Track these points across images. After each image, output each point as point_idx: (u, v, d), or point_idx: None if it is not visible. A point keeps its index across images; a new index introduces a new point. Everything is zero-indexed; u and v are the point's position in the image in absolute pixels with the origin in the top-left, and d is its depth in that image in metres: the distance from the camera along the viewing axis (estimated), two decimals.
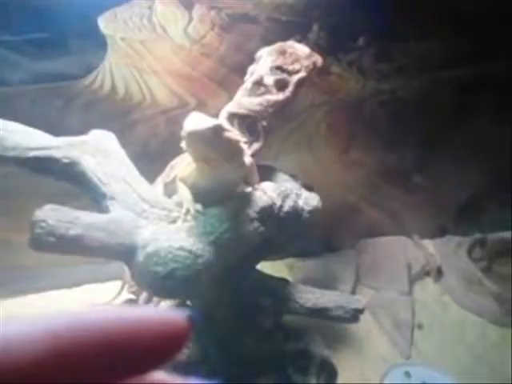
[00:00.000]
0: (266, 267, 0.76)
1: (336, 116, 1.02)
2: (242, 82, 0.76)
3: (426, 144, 1.11)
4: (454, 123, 1.08)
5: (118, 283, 0.79)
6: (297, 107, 0.97)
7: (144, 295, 0.68)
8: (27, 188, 0.79)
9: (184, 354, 0.62)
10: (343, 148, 1.08)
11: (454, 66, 1.00)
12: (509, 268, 1.10)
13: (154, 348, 0.14)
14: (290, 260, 1.12)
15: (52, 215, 0.43)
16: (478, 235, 1.15)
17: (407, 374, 0.79)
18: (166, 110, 0.89)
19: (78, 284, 1.01)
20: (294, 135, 1.03)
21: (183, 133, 0.45)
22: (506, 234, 1.16)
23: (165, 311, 0.15)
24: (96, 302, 0.91)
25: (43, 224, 0.42)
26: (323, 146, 1.07)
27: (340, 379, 0.71)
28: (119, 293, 0.78)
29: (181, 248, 0.45)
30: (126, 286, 0.75)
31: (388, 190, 1.17)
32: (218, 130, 0.46)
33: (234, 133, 0.51)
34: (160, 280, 0.44)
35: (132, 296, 0.73)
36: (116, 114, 0.85)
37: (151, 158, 0.81)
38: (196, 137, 0.45)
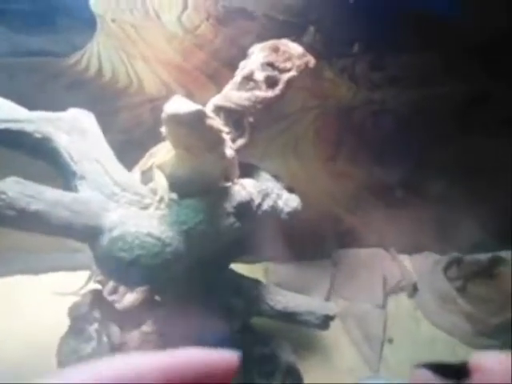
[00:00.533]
0: (241, 269, 0.74)
1: (325, 122, 1.01)
2: (233, 77, 0.74)
3: (412, 159, 1.11)
4: (443, 140, 1.08)
5: (87, 273, 0.76)
6: (287, 109, 0.95)
7: (110, 285, 0.66)
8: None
9: (147, 348, 0.60)
10: (330, 155, 1.07)
11: (446, 81, 1.00)
12: (483, 289, 1.11)
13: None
14: (265, 264, 1.10)
15: (14, 187, 0.41)
16: (455, 254, 1.16)
17: None
18: (152, 99, 0.87)
19: (45, 271, 0.97)
20: (282, 137, 1.02)
21: (164, 115, 0.43)
22: (483, 256, 1.17)
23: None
24: (62, 291, 0.87)
25: (3, 196, 0.39)
26: (310, 151, 1.06)
27: None
28: (86, 283, 0.75)
29: (149, 234, 0.43)
30: (93, 276, 0.72)
31: (371, 203, 1.16)
32: (200, 116, 0.44)
33: (216, 121, 0.49)
34: (124, 266, 0.41)
35: (98, 285, 0.70)
36: (100, 97, 0.83)
37: (134, 146, 0.78)
38: (177, 120, 0.43)
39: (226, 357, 0.16)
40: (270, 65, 0.70)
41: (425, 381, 0.12)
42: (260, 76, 0.69)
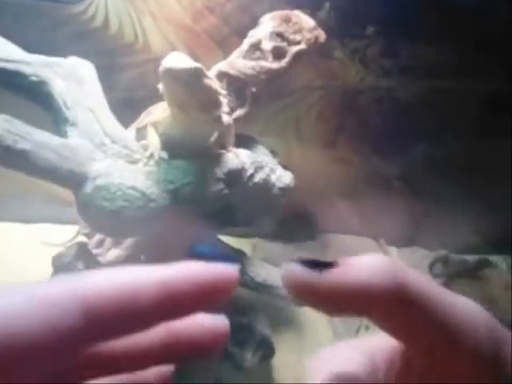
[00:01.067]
0: (229, 241, 0.74)
1: (329, 103, 0.99)
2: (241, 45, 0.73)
3: (414, 153, 1.10)
4: (448, 136, 1.07)
5: (76, 227, 0.76)
6: (291, 85, 0.94)
7: (96, 239, 0.66)
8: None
9: None
10: (330, 138, 1.06)
11: (459, 76, 0.98)
12: (467, 289, 1.12)
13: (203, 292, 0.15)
14: (254, 240, 1.11)
15: (1, 124, 0.40)
16: (442, 252, 1.16)
17: None
18: (157, 58, 0.84)
19: (35, 221, 0.98)
20: (283, 115, 1.00)
21: (161, 68, 0.43)
22: (471, 258, 1.18)
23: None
24: (50, 242, 0.87)
25: None
26: (311, 132, 1.05)
27: (276, 359, 0.71)
28: (74, 237, 0.75)
29: (133, 187, 0.43)
30: (80, 228, 0.72)
31: (366, 191, 1.16)
32: (197, 73, 0.43)
33: (214, 82, 0.48)
34: (105, 216, 0.41)
35: (83, 239, 0.70)
36: (104, 51, 0.81)
37: (135, 106, 0.78)
38: (174, 75, 0.42)
39: (226, 270, 0.16)
40: (280, 35, 0.68)
41: (291, 272, 0.12)
42: (268, 46, 0.68)
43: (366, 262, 0.13)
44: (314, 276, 0.12)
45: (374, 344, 0.16)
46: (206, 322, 0.17)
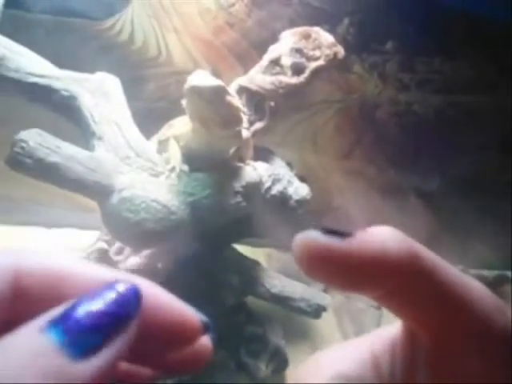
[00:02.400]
0: (245, 251, 0.75)
1: (346, 117, 1.00)
2: (260, 60, 0.74)
3: (430, 168, 1.10)
4: (465, 151, 1.07)
5: (97, 233, 0.78)
6: (309, 99, 0.95)
7: (116, 246, 0.68)
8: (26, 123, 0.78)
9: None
10: (347, 151, 1.07)
11: (475, 92, 0.98)
12: None
13: (162, 334, 0.15)
14: (269, 250, 1.12)
15: (35, 138, 0.43)
16: (459, 267, 1.15)
17: None
18: (179, 72, 0.88)
19: (57, 226, 1.01)
20: (301, 128, 1.02)
21: (186, 86, 0.45)
22: (488, 273, 1.16)
23: (184, 305, 0.16)
24: (70, 246, 0.90)
25: (24, 144, 0.41)
26: (328, 146, 1.06)
27: (289, 371, 0.71)
28: (95, 242, 0.77)
29: (155, 200, 0.45)
30: (101, 235, 0.75)
31: (381, 205, 1.16)
32: (220, 91, 0.45)
33: (236, 100, 0.50)
34: (128, 226, 0.43)
35: (104, 245, 0.72)
36: (129, 64, 0.84)
37: (157, 117, 0.80)
38: (198, 92, 0.44)
39: (194, 316, 0.16)
40: (299, 51, 0.70)
41: (310, 238, 0.12)
42: (287, 61, 0.69)
43: (382, 231, 0.13)
44: (334, 242, 0.12)
45: (373, 339, 0.15)
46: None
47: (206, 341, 0.17)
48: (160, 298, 0.16)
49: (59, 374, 0.11)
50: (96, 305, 0.12)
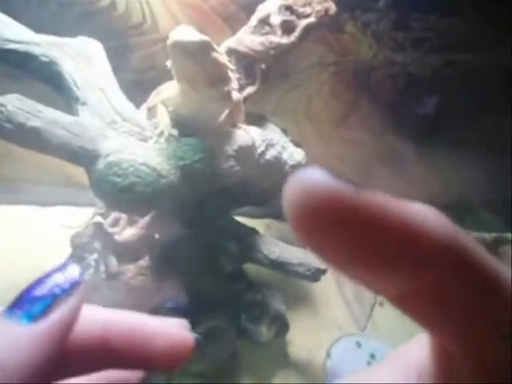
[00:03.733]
0: (243, 222, 0.75)
1: (341, 81, 0.98)
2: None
3: (429, 129, 1.08)
4: (461, 112, 1.05)
5: (92, 209, 0.77)
6: (302, 62, 0.92)
7: (111, 218, 0.67)
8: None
9: (140, 280, 0.61)
10: (343, 117, 1.05)
11: (471, 50, 0.95)
12: None
13: (154, 356, 0.15)
14: (268, 220, 1.11)
15: (14, 103, 0.41)
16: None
17: (358, 344, 0.79)
18: (165, 38, 0.84)
19: (52, 204, 0.99)
20: (294, 93, 0.99)
21: (168, 42, 0.42)
22: (488, 235, 1.16)
23: (175, 326, 0.16)
24: (65, 224, 0.89)
25: (2, 109, 0.40)
26: (323, 112, 1.04)
27: (291, 335, 0.72)
28: (91, 218, 0.76)
29: (144, 164, 0.43)
30: (96, 209, 0.73)
31: (381, 172, 1.14)
32: (205, 46, 0.43)
33: (223, 56, 0.48)
34: (117, 191, 0.42)
35: (99, 219, 0.71)
36: (112, 32, 0.81)
37: (145, 87, 0.78)
38: (181, 48, 0.42)
39: (184, 337, 0.16)
40: (288, 8, 0.67)
41: (306, 177, 0.08)
42: (276, 20, 0.67)
43: (423, 207, 0.10)
44: (350, 189, 0.08)
45: (406, 356, 0.12)
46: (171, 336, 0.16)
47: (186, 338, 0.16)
48: (152, 328, 0.16)
49: (6, 335, 0.13)
50: (39, 282, 0.15)
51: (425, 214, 0.09)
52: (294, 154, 0.73)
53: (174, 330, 0.16)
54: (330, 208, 0.08)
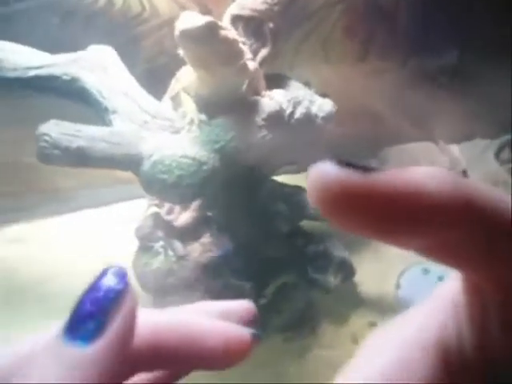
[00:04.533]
0: (285, 179, 0.76)
1: (352, 17, 0.93)
2: None
3: (454, 42, 1.01)
4: (490, 18, 0.97)
5: (145, 200, 0.81)
6: (308, 7, 0.89)
7: (166, 207, 0.71)
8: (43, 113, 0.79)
9: (207, 257, 0.65)
10: (361, 53, 1.00)
11: None
12: None
13: (209, 356, 0.15)
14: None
15: (54, 129, 0.44)
16: (507, 137, 1.10)
17: (425, 271, 0.81)
18: (169, 21, 0.84)
19: (106, 203, 1.05)
20: (308, 42, 0.96)
21: (176, 32, 0.43)
22: None
23: (233, 326, 0.16)
24: (124, 219, 0.95)
25: (47, 137, 0.43)
26: (340, 52, 1.00)
27: (358, 277, 0.74)
28: (147, 209, 0.80)
29: (184, 156, 0.45)
30: (150, 201, 0.77)
31: (412, 96, 1.10)
32: (212, 28, 0.43)
33: (231, 32, 0.47)
34: (168, 187, 0.44)
35: (156, 209, 0.75)
36: (115, 28, 0.81)
37: (161, 74, 0.79)
38: (189, 36, 0.42)
39: (240, 334, 0.16)
40: None
41: (319, 171, 0.09)
42: None
43: (424, 169, 0.10)
44: (354, 176, 0.09)
45: (431, 303, 0.13)
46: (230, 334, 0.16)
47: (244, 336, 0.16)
48: (206, 327, 0.16)
49: (71, 362, 0.13)
50: (86, 299, 0.14)
51: (431, 176, 0.10)
52: (322, 105, 0.72)
53: (230, 329, 0.16)
54: (346, 198, 0.09)
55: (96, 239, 0.94)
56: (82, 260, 0.86)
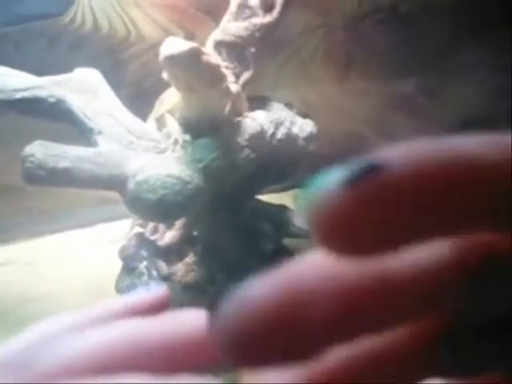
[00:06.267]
0: (270, 198, 0.78)
1: (332, 40, 0.97)
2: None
3: (431, 65, 1.06)
4: (460, 41, 1.02)
5: (129, 220, 0.81)
6: (290, 32, 0.92)
7: (150, 226, 0.71)
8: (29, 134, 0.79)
9: (191, 276, 0.66)
10: (342, 75, 1.04)
11: None
12: None
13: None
14: (294, 191, 1.14)
15: (40, 150, 0.45)
16: None
17: None
18: (154, 45, 0.86)
19: (91, 224, 1.04)
20: (290, 65, 0.99)
21: (160, 58, 0.45)
22: None
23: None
24: (108, 239, 0.95)
25: (32, 158, 0.43)
26: (321, 74, 1.04)
27: None
28: (130, 229, 0.81)
29: (168, 175, 0.47)
30: (135, 221, 0.78)
31: (393, 116, 1.14)
32: (195, 53, 0.45)
33: (213, 57, 0.50)
34: (152, 206, 0.45)
35: (139, 229, 0.75)
36: (102, 52, 0.83)
37: (148, 99, 0.80)
38: (173, 61, 0.44)
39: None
40: None
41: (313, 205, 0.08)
42: (255, 1, 0.67)
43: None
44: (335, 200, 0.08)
45: None
46: None
47: None
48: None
49: None
50: None
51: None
52: (303, 126, 0.74)
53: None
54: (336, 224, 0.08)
55: (80, 260, 0.93)
56: (66, 281, 0.85)
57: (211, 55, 0.49)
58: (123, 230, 0.84)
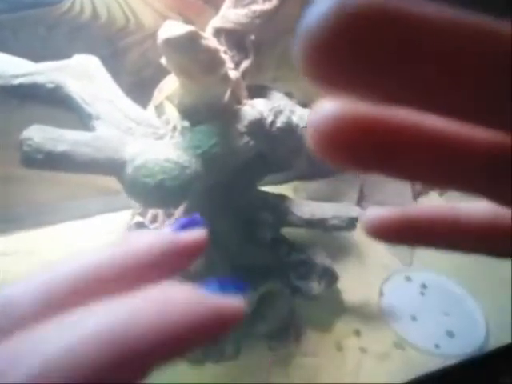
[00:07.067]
0: (270, 190, 0.78)
1: None
2: None
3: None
4: None
5: (130, 212, 0.81)
6: (290, 20, 0.91)
7: (149, 215, 0.71)
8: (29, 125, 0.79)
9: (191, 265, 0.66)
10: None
11: None
12: None
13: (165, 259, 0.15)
14: (294, 183, 1.14)
15: (38, 134, 0.44)
16: None
17: (408, 278, 0.82)
18: (153, 33, 0.86)
19: (90, 215, 1.05)
20: (290, 54, 0.98)
21: (158, 41, 0.44)
22: None
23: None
24: (107, 230, 0.95)
25: (30, 142, 0.43)
26: None
27: (341, 284, 0.75)
28: (131, 219, 0.81)
29: (167, 160, 0.46)
30: (133, 211, 0.78)
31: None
32: (193, 36, 0.44)
33: (212, 41, 0.49)
34: (150, 191, 0.45)
35: (139, 218, 0.76)
36: (101, 40, 0.83)
37: (146, 87, 0.80)
38: (171, 45, 0.43)
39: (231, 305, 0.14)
40: None
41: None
42: None
43: None
44: None
45: None
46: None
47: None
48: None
49: None
50: None
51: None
52: (303, 115, 0.74)
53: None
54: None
55: (80, 251, 0.93)
56: None
57: (210, 39, 0.49)
58: (122, 220, 0.84)
